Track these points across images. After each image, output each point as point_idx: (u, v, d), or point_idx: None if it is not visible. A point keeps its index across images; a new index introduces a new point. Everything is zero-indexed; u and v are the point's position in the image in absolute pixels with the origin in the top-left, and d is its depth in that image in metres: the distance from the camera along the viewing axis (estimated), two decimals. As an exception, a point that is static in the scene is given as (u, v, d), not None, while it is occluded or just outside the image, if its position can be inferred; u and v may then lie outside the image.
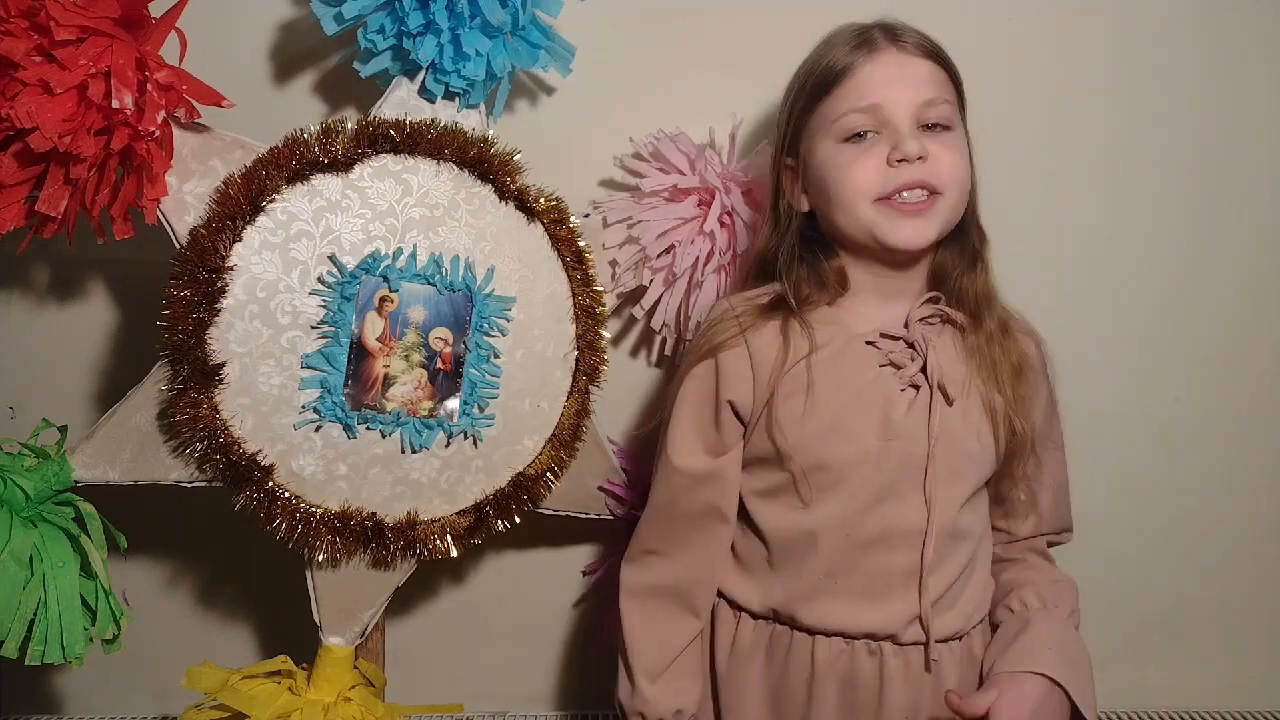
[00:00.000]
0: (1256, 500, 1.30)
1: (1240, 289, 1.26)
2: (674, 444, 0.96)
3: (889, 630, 0.90)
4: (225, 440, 0.97)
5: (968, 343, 0.94)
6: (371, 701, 1.04)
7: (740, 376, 0.93)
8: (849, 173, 0.90)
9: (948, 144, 0.90)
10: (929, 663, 0.91)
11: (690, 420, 0.96)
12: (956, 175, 0.91)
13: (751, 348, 0.93)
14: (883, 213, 0.90)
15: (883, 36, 0.92)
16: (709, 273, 1.08)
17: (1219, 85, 1.21)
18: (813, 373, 0.92)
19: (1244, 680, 1.33)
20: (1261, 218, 1.24)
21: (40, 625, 0.91)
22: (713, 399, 0.95)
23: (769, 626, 0.94)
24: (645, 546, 0.98)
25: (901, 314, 0.94)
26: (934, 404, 0.90)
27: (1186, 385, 1.27)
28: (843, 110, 0.91)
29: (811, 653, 0.92)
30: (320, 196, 0.98)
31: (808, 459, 0.91)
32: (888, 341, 0.93)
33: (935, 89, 0.90)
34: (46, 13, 0.86)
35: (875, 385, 0.92)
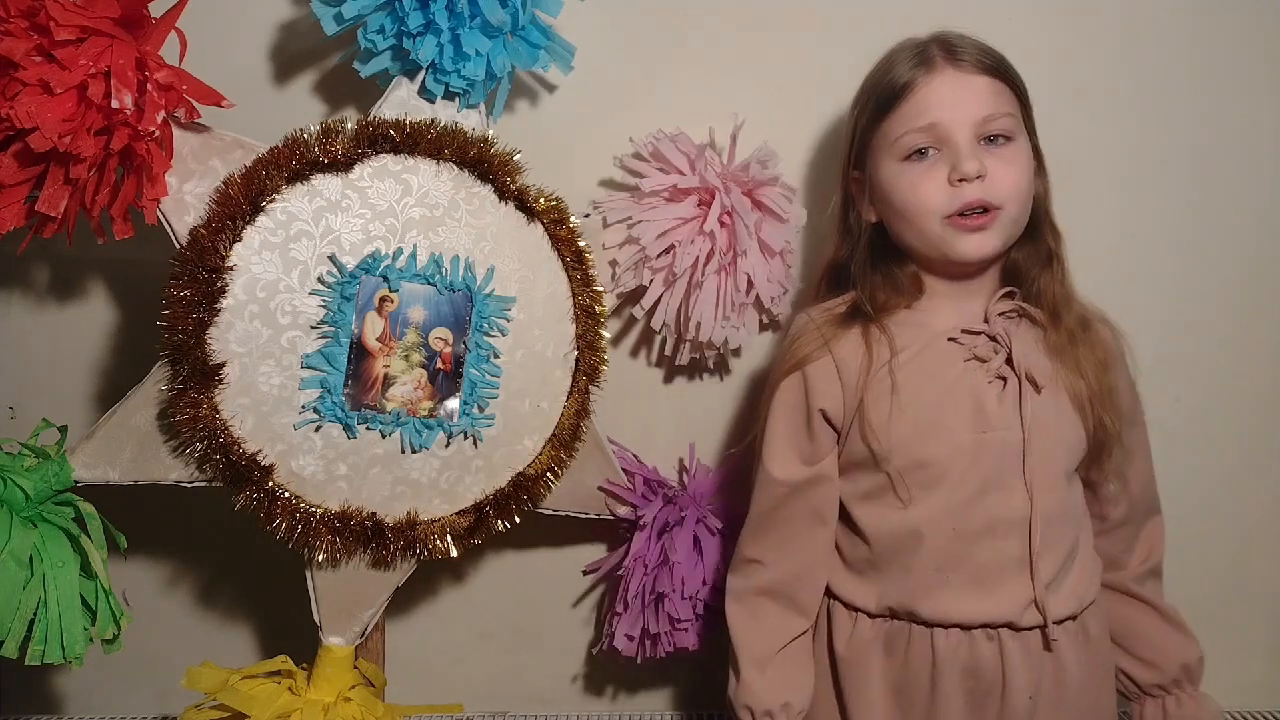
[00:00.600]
0: (1257, 500, 1.30)
1: (1241, 289, 1.26)
2: (770, 456, 0.99)
3: (1006, 618, 0.92)
4: (225, 440, 0.97)
5: (1049, 341, 0.96)
6: (371, 701, 1.04)
7: (829, 386, 0.97)
8: (916, 192, 0.93)
9: (1006, 158, 0.93)
10: (1049, 643, 0.93)
11: (784, 432, 0.99)
12: (1015, 188, 0.93)
13: (836, 357, 0.97)
14: (949, 229, 0.93)
15: (940, 54, 0.94)
16: (709, 273, 1.08)
17: (1220, 86, 1.21)
18: (896, 375, 0.94)
19: (1244, 680, 1.33)
20: (1263, 217, 1.24)
21: (40, 625, 0.91)
22: (804, 410, 0.98)
23: (886, 624, 0.96)
24: (748, 556, 1.01)
25: (978, 311, 0.97)
26: (1024, 393, 0.93)
27: (1186, 385, 1.27)
28: (902, 130, 0.93)
29: (931, 645, 0.93)
30: (320, 196, 0.98)
31: (904, 459, 0.93)
32: (969, 337, 0.95)
33: (993, 104, 0.92)
34: (46, 13, 0.86)
35: (962, 380, 0.94)
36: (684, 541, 1.10)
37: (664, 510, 1.12)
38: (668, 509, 1.12)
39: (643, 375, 1.21)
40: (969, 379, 0.94)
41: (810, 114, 1.16)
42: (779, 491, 0.98)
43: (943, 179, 0.92)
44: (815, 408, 0.97)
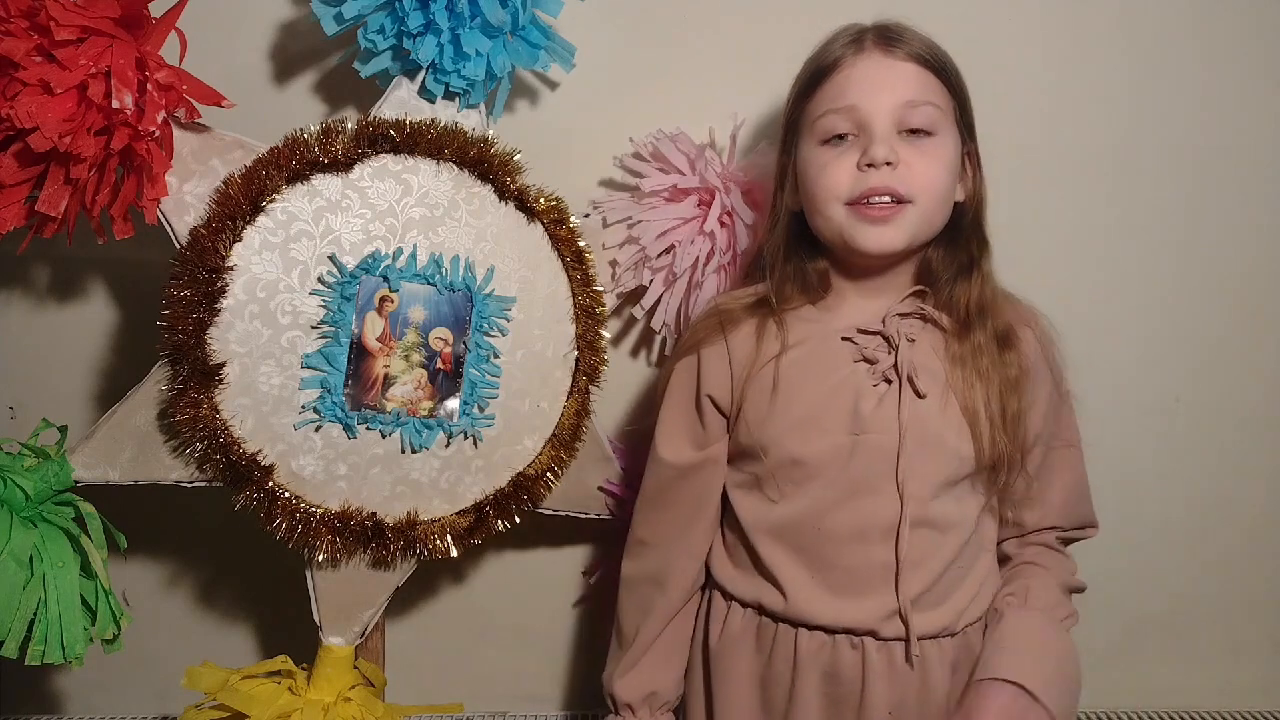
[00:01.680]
0: (1257, 500, 1.30)
1: (1241, 288, 1.26)
2: (661, 437, 0.99)
3: (868, 625, 0.90)
4: (225, 440, 0.97)
5: (950, 350, 0.93)
6: (371, 701, 1.04)
7: (719, 372, 0.96)
8: (823, 175, 0.91)
9: (925, 151, 0.90)
10: (910, 658, 0.90)
11: (676, 414, 0.99)
12: (930, 183, 0.90)
13: (730, 344, 0.96)
14: (851, 217, 0.90)
15: (873, 38, 0.91)
16: (709, 273, 1.08)
17: (1219, 84, 1.21)
18: (782, 370, 0.93)
19: (1244, 680, 1.33)
20: (1262, 217, 1.24)
21: (40, 625, 0.90)
22: (694, 393, 0.97)
23: (756, 618, 0.95)
24: (636, 536, 1.01)
25: (883, 311, 0.94)
26: (903, 396, 0.90)
27: (1187, 385, 1.27)
28: (823, 109, 0.91)
29: (795, 644, 0.92)
30: (320, 196, 0.98)
31: (778, 455, 0.92)
32: (864, 337, 0.93)
33: (917, 91, 0.89)
34: (46, 13, 0.86)
35: (847, 381, 0.92)
36: (683, 541, 1.10)
37: (664, 510, 1.12)
38: (667, 509, 1.12)
39: (643, 375, 1.21)
40: (854, 380, 0.92)
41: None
42: (667, 474, 0.98)
43: (853, 164, 0.90)
44: (704, 392, 0.96)
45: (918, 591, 0.90)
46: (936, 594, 0.91)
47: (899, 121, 0.89)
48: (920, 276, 0.96)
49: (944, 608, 0.91)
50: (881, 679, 0.90)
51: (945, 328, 0.93)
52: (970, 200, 0.95)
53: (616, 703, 0.99)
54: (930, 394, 0.91)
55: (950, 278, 0.94)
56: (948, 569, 0.91)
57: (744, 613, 0.96)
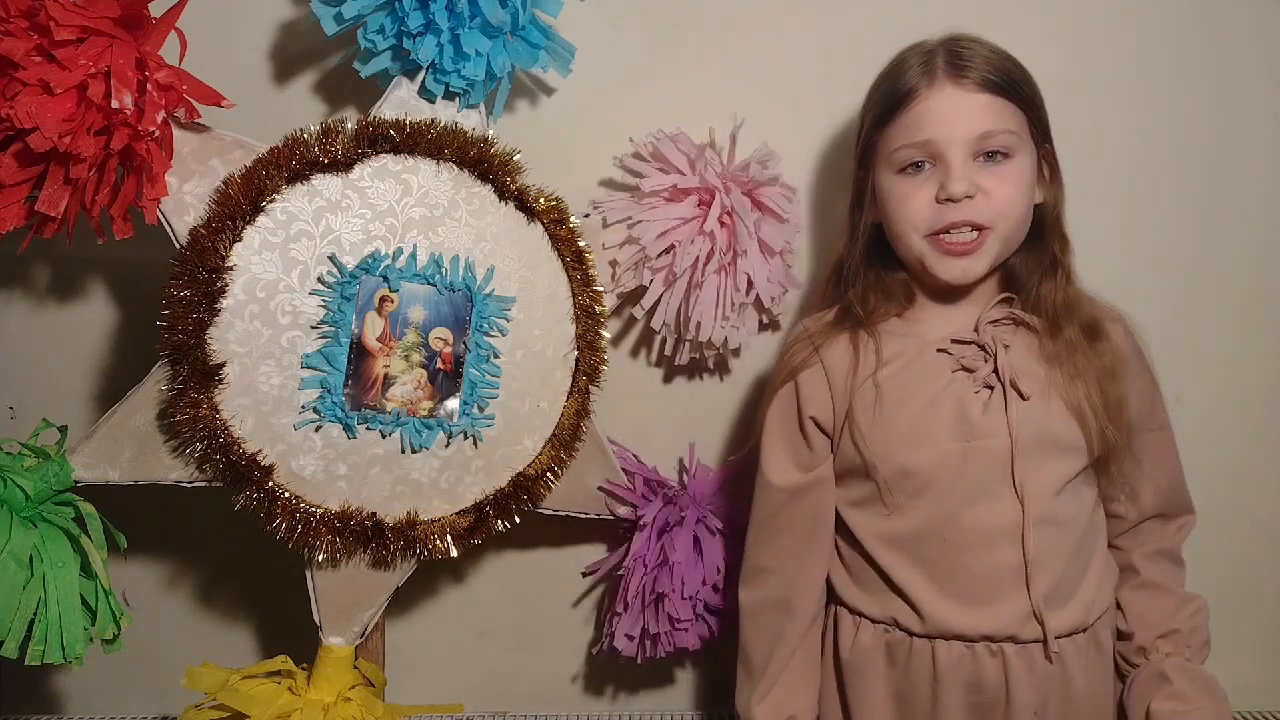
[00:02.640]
0: (1257, 500, 1.30)
1: (1243, 288, 1.25)
2: (768, 463, 1.00)
3: (1006, 631, 0.91)
4: (225, 440, 0.97)
5: (1045, 349, 0.94)
6: (371, 701, 1.04)
7: (819, 393, 0.97)
8: (903, 206, 0.93)
9: (1002, 176, 0.91)
10: (1049, 655, 0.91)
11: (779, 439, 0.99)
12: (1008, 207, 0.91)
13: (826, 364, 0.97)
14: (932, 249, 0.92)
15: (944, 65, 0.92)
16: (709, 273, 1.08)
17: (1224, 84, 1.21)
18: (881, 385, 0.94)
19: (1244, 680, 1.33)
20: (1264, 217, 1.24)
21: (40, 625, 0.91)
22: (796, 417, 0.98)
23: (887, 633, 0.95)
24: (754, 564, 1.01)
25: (972, 319, 0.95)
26: (1009, 399, 0.92)
27: (1188, 384, 1.27)
28: (899, 143, 0.93)
29: (933, 657, 0.93)
30: (320, 196, 0.98)
31: (889, 467, 0.93)
32: (959, 347, 0.94)
33: (992, 121, 0.91)
34: (46, 13, 0.86)
35: (949, 390, 0.93)
36: (684, 541, 1.10)
37: (664, 510, 1.12)
38: (668, 509, 1.12)
39: (643, 375, 1.21)
40: (955, 389, 0.93)
41: (810, 114, 1.16)
42: (778, 498, 0.99)
43: (931, 195, 0.91)
44: (807, 415, 0.97)
45: (1047, 590, 0.91)
46: (1064, 590, 0.92)
47: (975, 150, 0.91)
48: (1005, 283, 0.98)
49: (1074, 602, 0.93)
50: (1024, 682, 0.91)
51: (1036, 329, 0.95)
52: (1049, 200, 0.97)
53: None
54: (1033, 395, 0.92)
55: (1036, 280, 0.96)
56: (1071, 563, 0.93)
57: (874, 629, 0.96)
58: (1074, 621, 0.92)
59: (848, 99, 1.09)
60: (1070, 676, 0.92)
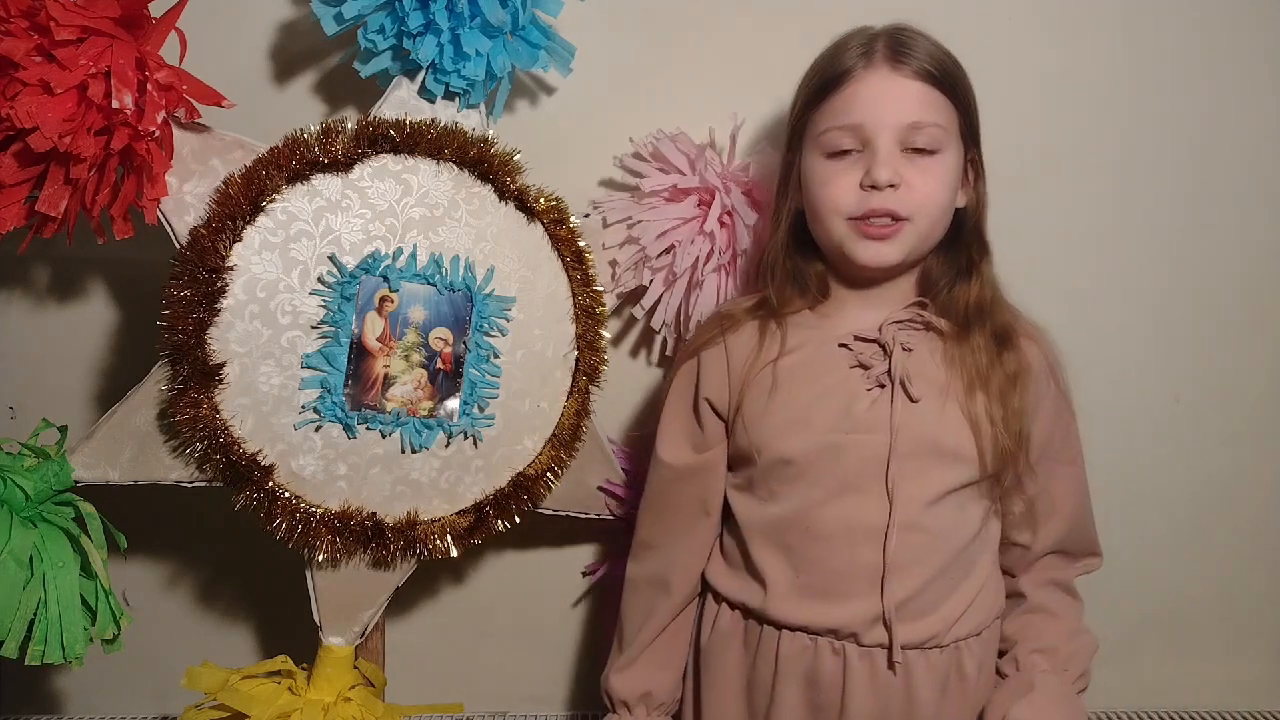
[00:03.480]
0: (1256, 500, 1.30)
1: (1241, 288, 1.26)
2: (662, 440, 1.00)
3: (850, 628, 0.89)
4: (225, 440, 0.97)
5: (948, 351, 0.93)
6: (371, 701, 1.04)
7: (717, 375, 0.97)
8: (826, 189, 0.92)
9: (927, 170, 0.90)
10: (892, 664, 0.89)
11: (676, 417, 1.00)
12: (929, 202, 0.90)
13: (729, 348, 0.97)
14: (851, 231, 0.91)
15: (883, 52, 0.90)
16: (709, 273, 1.08)
17: (1220, 84, 1.21)
18: (779, 374, 0.94)
19: (1244, 680, 1.33)
20: (1262, 217, 1.24)
21: (40, 625, 0.91)
22: (693, 397, 0.98)
23: (743, 619, 0.96)
24: (639, 538, 1.02)
25: (881, 319, 0.94)
26: (895, 398, 0.91)
27: (1187, 385, 1.27)
28: (828, 125, 0.91)
29: (777, 647, 0.92)
30: (320, 196, 0.98)
31: (769, 455, 0.93)
32: (860, 344, 0.94)
33: (923, 112, 0.89)
34: (46, 13, 0.86)
35: (842, 384, 0.93)
36: (683, 541, 1.10)
37: (664, 510, 1.12)
38: (667, 509, 1.12)
39: (643, 375, 1.21)
40: (849, 383, 0.92)
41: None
42: (667, 475, 0.99)
43: (855, 180, 0.90)
44: (702, 395, 0.97)
45: (903, 597, 0.89)
46: (924, 602, 0.90)
47: (902, 141, 0.89)
48: (922, 287, 0.97)
49: (932, 617, 0.90)
50: (863, 687, 0.90)
51: (944, 332, 0.94)
52: (971, 206, 0.96)
53: (613, 700, 1.00)
54: (927, 399, 0.91)
55: (949, 282, 0.95)
56: (938, 576, 0.90)
57: (732, 613, 0.96)
58: (926, 634, 0.89)
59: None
60: (916, 694, 0.90)
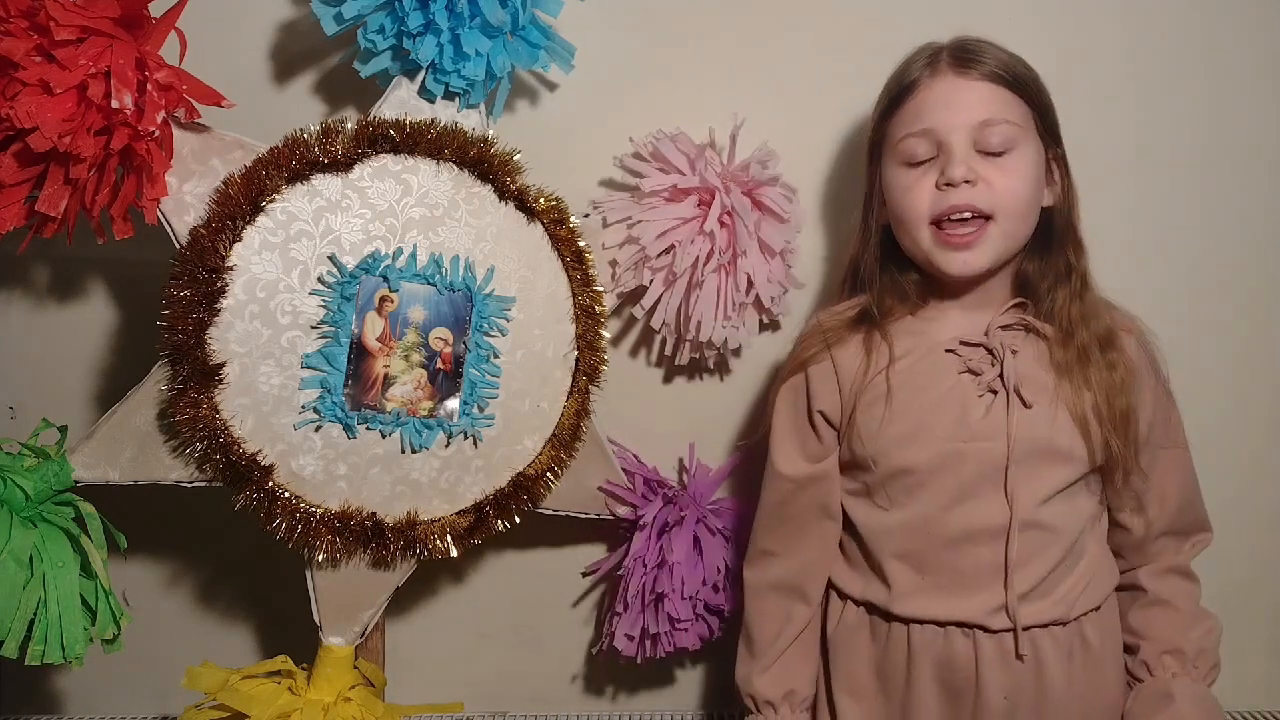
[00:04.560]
0: (1258, 500, 1.30)
1: (1244, 290, 1.25)
2: (777, 452, 1.02)
3: (977, 620, 0.92)
4: (225, 440, 0.97)
5: (1055, 358, 0.94)
6: (371, 701, 1.04)
7: (828, 388, 0.98)
8: (907, 197, 0.93)
9: (1004, 168, 0.91)
10: (1019, 651, 0.92)
11: (788, 430, 1.01)
12: (1011, 198, 0.91)
13: (836, 361, 0.98)
14: (935, 241, 0.93)
15: (947, 59, 0.93)
16: (709, 273, 1.08)
17: (1226, 87, 1.21)
18: (892, 381, 0.95)
19: (1244, 680, 1.33)
20: (1266, 217, 1.24)
21: (40, 625, 0.91)
22: (805, 410, 1.00)
23: (869, 615, 0.98)
24: (761, 548, 1.03)
25: (984, 322, 0.96)
26: (1011, 406, 0.92)
27: (1193, 385, 1.27)
28: (902, 133, 0.94)
29: (908, 637, 0.95)
30: (320, 196, 0.98)
31: (888, 465, 0.94)
32: (967, 349, 0.95)
33: (993, 110, 0.91)
34: (46, 13, 0.86)
35: (954, 391, 0.94)
36: (684, 541, 1.10)
37: (664, 510, 1.12)
38: (667, 509, 1.12)
39: (643, 375, 1.21)
40: (960, 390, 0.94)
41: (811, 114, 1.16)
42: (786, 487, 1.00)
43: (933, 184, 0.92)
44: (815, 409, 0.99)
45: (1025, 589, 0.92)
46: (1044, 589, 0.93)
47: (976, 141, 0.91)
48: (1019, 287, 0.98)
49: (1052, 598, 0.93)
50: (994, 668, 0.93)
51: (1049, 337, 0.95)
52: (1060, 204, 0.96)
53: (757, 701, 1.01)
54: (1038, 404, 0.93)
55: (1050, 286, 0.96)
56: (1057, 566, 0.93)
57: (858, 610, 0.99)
58: (1051, 615, 0.93)
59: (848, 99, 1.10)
60: (1045, 670, 0.93)
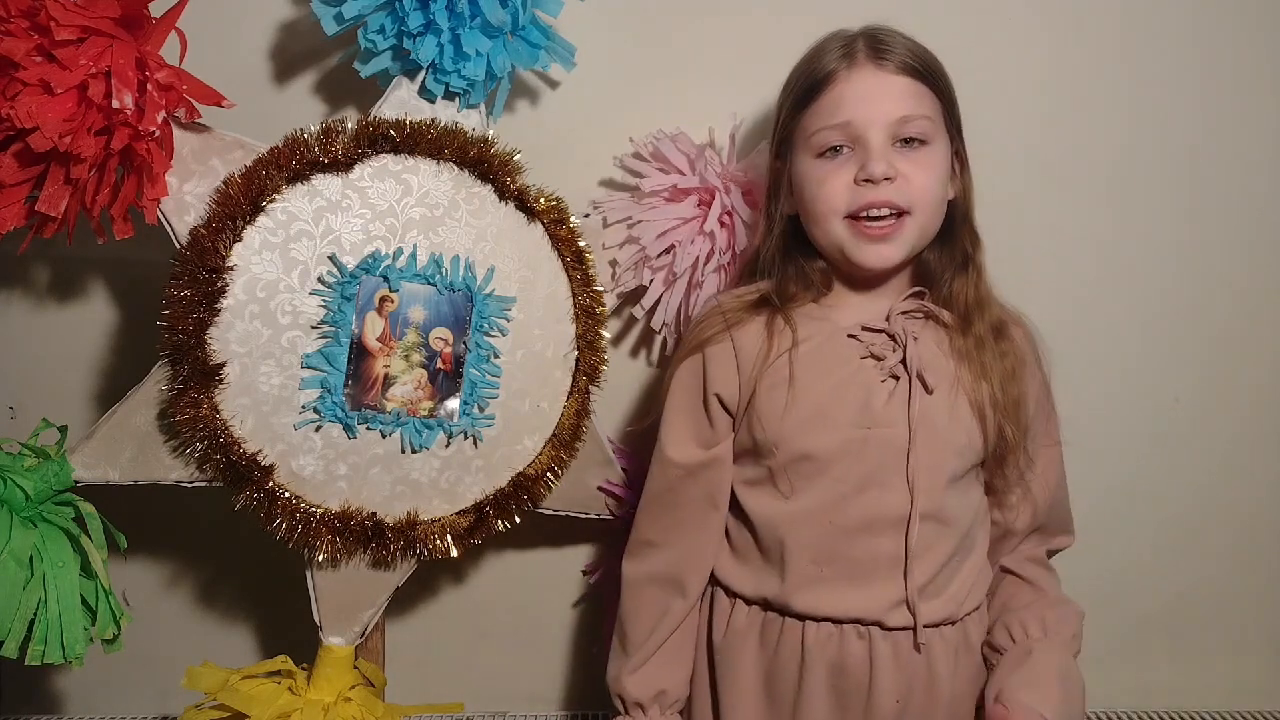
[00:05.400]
0: (1256, 500, 1.30)
1: (1239, 289, 1.26)
2: (667, 437, 0.99)
3: (875, 615, 0.91)
4: (225, 440, 0.97)
5: (955, 345, 0.94)
6: (371, 701, 1.04)
7: (725, 371, 0.96)
8: (821, 189, 0.93)
9: (920, 162, 0.91)
10: (917, 645, 0.91)
11: (681, 414, 0.99)
12: (926, 193, 0.91)
13: (736, 343, 0.96)
14: (851, 232, 0.92)
15: (865, 50, 0.92)
16: (709, 273, 1.08)
17: (1218, 86, 1.21)
18: (795, 366, 0.94)
19: (1244, 680, 1.33)
20: (1262, 217, 1.24)
21: (40, 625, 0.91)
22: (700, 393, 0.97)
23: (761, 614, 0.96)
24: (642, 538, 1.00)
25: (885, 309, 0.95)
26: (913, 392, 0.92)
27: (1186, 385, 1.27)
28: (817, 126, 0.93)
29: (802, 638, 0.93)
30: (320, 196, 0.98)
31: (790, 450, 0.93)
32: (869, 334, 0.94)
33: (911, 105, 0.91)
34: (47, 13, 0.86)
35: (856, 377, 0.93)
36: (683, 541, 1.10)
37: (664, 510, 1.12)
38: (667, 509, 1.12)
39: (643, 375, 1.21)
40: (863, 376, 0.93)
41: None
42: (674, 473, 0.98)
43: (850, 178, 0.91)
44: (711, 391, 0.97)
45: (923, 581, 0.91)
46: (938, 583, 0.93)
47: (893, 135, 0.91)
48: (917, 276, 0.98)
49: (944, 596, 0.93)
50: (888, 669, 0.92)
51: (948, 324, 0.95)
52: (960, 197, 0.97)
53: (626, 701, 0.99)
54: (938, 390, 0.92)
55: (949, 275, 0.96)
56: (951, 559, 0.93)
57: (748, 610, 0.96)
58: (943, 613, 0.93)
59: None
60: (935, 669, 0.92)
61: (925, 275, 0.97)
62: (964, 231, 0.97)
